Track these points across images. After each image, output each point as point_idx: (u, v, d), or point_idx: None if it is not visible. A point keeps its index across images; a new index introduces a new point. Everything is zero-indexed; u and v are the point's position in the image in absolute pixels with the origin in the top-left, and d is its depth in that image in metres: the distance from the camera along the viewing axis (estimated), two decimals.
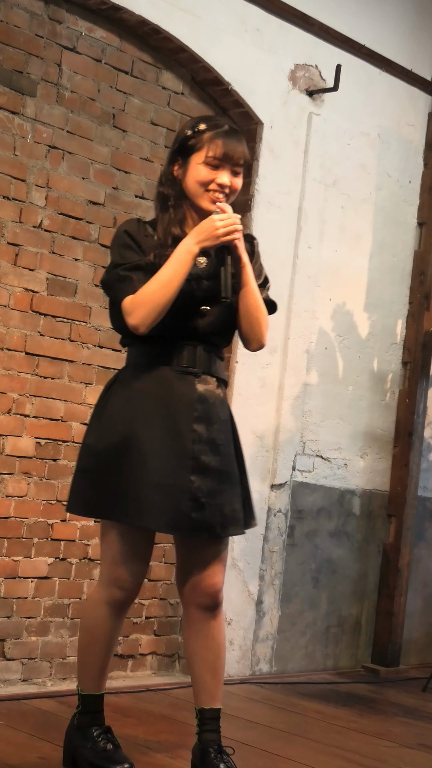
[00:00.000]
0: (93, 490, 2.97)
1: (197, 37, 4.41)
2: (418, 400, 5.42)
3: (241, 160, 3.01)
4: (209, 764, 2.98)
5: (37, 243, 4.06)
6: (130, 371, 3.03)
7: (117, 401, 3.00)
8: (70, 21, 4.13)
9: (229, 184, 3.01)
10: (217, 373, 3.08)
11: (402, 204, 5.43)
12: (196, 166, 2.99)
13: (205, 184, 2.99)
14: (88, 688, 3.07)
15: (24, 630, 4.03)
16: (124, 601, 3.03)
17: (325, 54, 4.96)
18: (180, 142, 3.03)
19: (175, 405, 2.97)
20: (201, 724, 3.04)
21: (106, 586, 3.02)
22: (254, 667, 4.80)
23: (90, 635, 3.06)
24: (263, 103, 4.70)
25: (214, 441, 3.01)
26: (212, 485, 2.97)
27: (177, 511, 2.92)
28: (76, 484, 3.04)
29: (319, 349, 5.04)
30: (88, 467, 3.00)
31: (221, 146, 2.97)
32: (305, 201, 4.91)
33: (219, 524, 2.98)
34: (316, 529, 5.08)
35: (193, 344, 3.01)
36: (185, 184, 3.02)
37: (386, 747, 3.90)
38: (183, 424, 2.96)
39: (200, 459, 2.97)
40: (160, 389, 2.97)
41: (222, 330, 3.08)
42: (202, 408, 3.00)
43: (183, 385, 2.98)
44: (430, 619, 5.76)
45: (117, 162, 4.31)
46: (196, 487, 2.94)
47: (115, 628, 3.06)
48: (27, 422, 4.04)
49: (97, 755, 3.00)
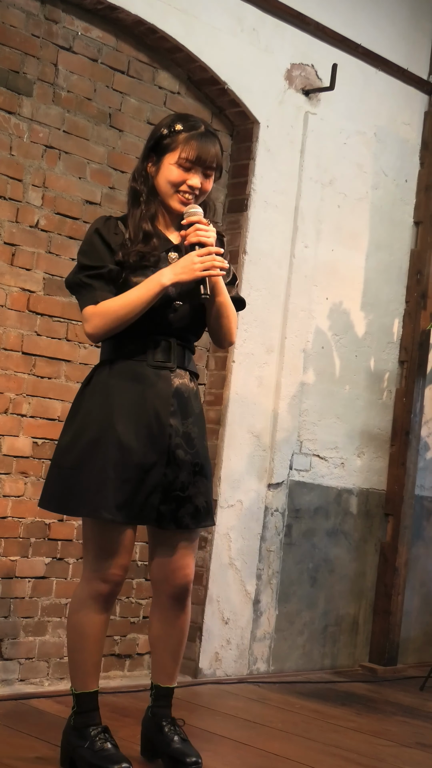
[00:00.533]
0: (64, 486, 3.02)
1: (193, 37, 4.41)
2: (415, 399, 5.42)
3: (213, 163, 3.07)
4: (164, 736, 3.15)
5: (34, 243, 4.06)
6: (106, 368, 3.08)
7: (94, 398, 3.05)
8: (66, 21, 4.13)
9: (199, 186, 3.07)
10: (189, 366, 3.15)
11: (398, 203, 5.44)
12: (168, 166, 3.05)
13: (177, 185, 3.06)
14: (81, 687, 3.09)
15: (21, 630, 4.03)
16: (109, 595, 3.07)
17: (322, 53, 4.96)
18: (155, 140, 3.08)
19: (151, 400, 3.04)
20: (156, 699, 3.24)
21: (89, 580, 3.06)
22: (252, 667, 4.80)
23: (77, 632, 3.08)
24: (259, 102, 4.70)
25: (189, 435, 3.10)
26: (186, 478, 3.06)
27: (145, 503, 3.00)
28: (50, 481, 3.09)
29: (316, 349, 5.04)
30: (61, 464, 3.05)
31: (195, 149, 3.03)
32: (302, 200, 4.91)
33: (189, 515, 3.08)
34: (314, 528, 5.08)
35: (167, 339, 3.08)
36: (157, 182, 3.08)
37: (384, 746, 3.90)
38: (160, 418, 3.03)
39: (176, 453, 3.05)
40: (137, 385, 3.04)
41: (193, 325, 3.14)
42: (178, 402, 3.07)
43: (159, 380, 3.05)
44: (428, 617, 5.77)
45: (113, 162, 4.31)
46: (169, 480, 3.03)
47: (103, 622, 3.08)
48: (24, 422, 4.04)
49: (95, 755, 3.00)
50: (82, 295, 3.04)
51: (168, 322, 3.07)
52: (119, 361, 3.06)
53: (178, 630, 3.21)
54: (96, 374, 3.10)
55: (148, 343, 3.06)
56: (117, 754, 3.01)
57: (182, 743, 3.14)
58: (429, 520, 5.75)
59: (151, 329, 3.05)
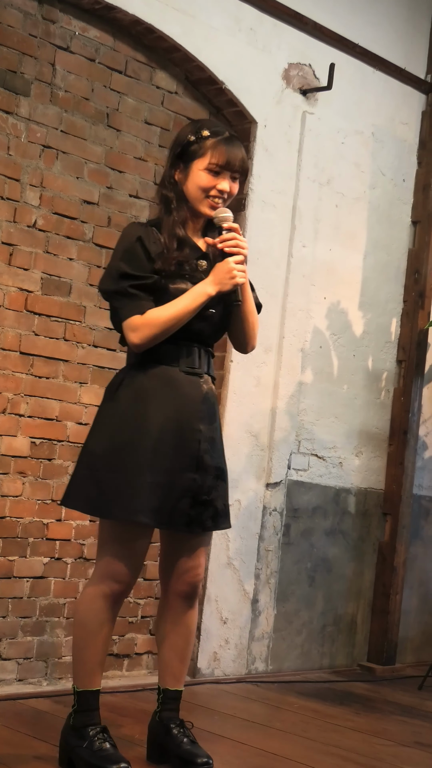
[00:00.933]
0: (96, 487, 3.04)
1: (191, 37, 4.41)
2: (413, 398, 5.42)
3: (240, 167, 3.13)
4: (173, 738, 3.17)
5: (32, 243, 4.05)
6: (140, 371, 3.10)
7: (128, 401, 3.07)
8: (63, 20, 4.13)
9: (228, 190, 3.12)
10: (212, 372, 3.21)
11: (396, 202, 5.44)
12: (198, 172, 3.10)
13: (207, 190, 3.10)
14: (83, 685, 3.09)
15: (19, 630, 4.03)
16: (120, 594, 3.10)
17: (319, 53, 4.96)
18: (182, 147, 3.12)
19: (183, 405, 3.09)
20: (163, 703, 3.24)
21: (102, 579, 3.07)
22: (250, 666, 4.80)
23: (86, 630, 3.08)
24: (257, 102, 4.70)
25: (213, 439, 3.16)
26: (211, 482, 3.12)
27: (176, 508, 3.05)
28: (80, 480, 3.09)
29: (314, 348, 5.04)
30: (94, 465, 3.06)
31: (224, 153, 3.08)
32: (299, 200, 4.91)
33: (210, 518, 3.13)
34: (312, 527, 5.08)
35: (196, 345, 3.13)
36: (186, 188, 3.12)
37: (383, 745, 3.90)
38: (189, 424, 3.09)
39: (203, 458, 3.10)
40: (170, 390, 3.08)
41: (219, 332, 3.22)
42: (205, 408, 3.14)
43: (190, 387, 3.10)
44: (426, 617, 5.77)
45: (111, 161, 4.31)
46: (198, 485, 3.08)
47: (111, 621, 3.10)
48: (22, 422, 4.04)
49: (94, 755, 3.00)
50: (125, 305, 3.04)
51: (200, 329, 3.11)
52: (153, 365, 3.09)
53: (185, 629, 3.24)
54: (127, 377, 3.11)
55: (179, 349, 3.10)
56: (115, 755, 3.01)
57: (192, 745, 3.17)
58: (427, 520, 5.75)
59: (183, 336, 3.09)
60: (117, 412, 3.08)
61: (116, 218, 4.32)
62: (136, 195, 4.39)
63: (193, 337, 3.12)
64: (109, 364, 4.30)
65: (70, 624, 4.17)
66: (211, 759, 3.14)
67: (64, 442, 4.16)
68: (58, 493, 4.12)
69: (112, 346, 4.30)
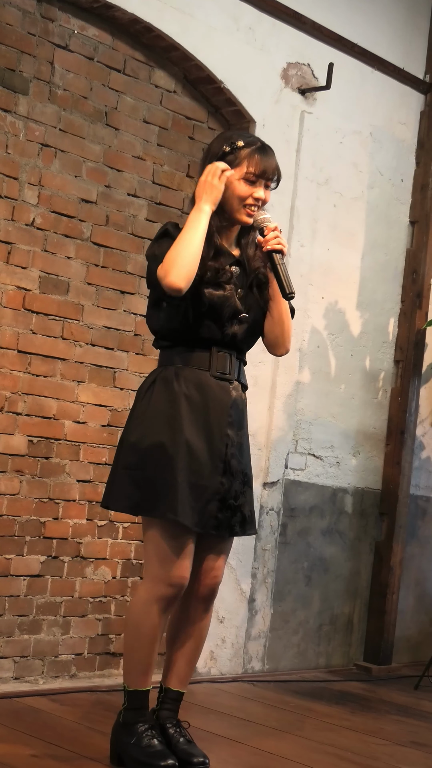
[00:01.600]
0: (135, 487, 3.09)
1: (189, 36, 4.41)
2: (410, 398, 5.43)
3: (275, 176, 3.19)
4: (169, 738, 3.18)
5: (30, 241, 4.05)
6: (171, 373, 3.14)
7: (159, 403, 3.12)
8: (62, 19, 4.13)
9: (263, 198, 3.18)
10: (242, 379, 3.27)
11: (394, 202, 5.44)
12: (234, 182, 3.14)
13: (244, 199, 3.15)
14: (134, 684, 3.14)
15: (16, 628, 4.03)
16: (173, 598, 3.13)
17: (318, 52, 4.96)
18: (218, 158, 3.16)
19: (212, 410, 3.14)
20: (163, 702, 3.27)
21: (155, 583, 3.10)
22: (246, 665, 4.80)
23: (139, 632, 3.12)
24: (255, 101, 4.70)
25: (241, 445, 3.21)
26: (238, 487, 3.17)
27: (205, 510, 3.10)
28: (119, 481, 3.13)
29: (312, 348, 5.04)
30: (131, 464, 3.11)
31: (260, 163, 3.15)
32: (297, 199, 4.91)
33: (239, 524, 3.18)
34: (309, 527, 5.08)
35: (228, 352, 3.19)
36: (223, 198, 3.14)
37: (379, 745, 3.90)
38: (218, 428, 3.14)
39: (230, 462, 3.15)
40: (200, 394, 3.13)
41: (252, 338, 3.26)
42: (235, 413, 3.19)
43: (220, 392, 3.16)
44: (422, 617, 5.77)
45: (109, 160, 4.31)
46: (226, 489, 3.13)
47: (163, 624, 3.16)
48: (19, 420, 4.04)
49: (142, 751, 3.06)
50: (151, 270, 3.09)
51: (233, 333, 3.17)
52: (185, 368, 3.14)
53: (198, 631, 3.28)
54: (160, 378, 3.16)
55: (211, 354, 3.15)
56: (164, 751, 3.06)
57: (188, 744, 3.18)
58: (424, 520, 5.76)
59: (216, 341, 3.15)
60: (150, 413, 3.12)
61: (114, 217, 4.32)
62: (134, 194, 4.39)
63: (226, 343, 3.17)
64: (107, 363, 4.30)
65: (67, 622, 4.17)
66: (207, 758, 3.15)
67: (62, 440, 4.16)
68: (55, 492, 4.12)
69: (109, 345, 4.30)
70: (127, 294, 4.37)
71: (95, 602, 4.28)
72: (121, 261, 4.34)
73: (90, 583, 4.26)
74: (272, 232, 3.14)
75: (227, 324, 3.15)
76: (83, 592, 4.24)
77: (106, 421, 4.29)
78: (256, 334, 3.26)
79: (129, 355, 4.37)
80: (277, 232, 3.15)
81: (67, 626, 4.18)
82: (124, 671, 3.18)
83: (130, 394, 4.35)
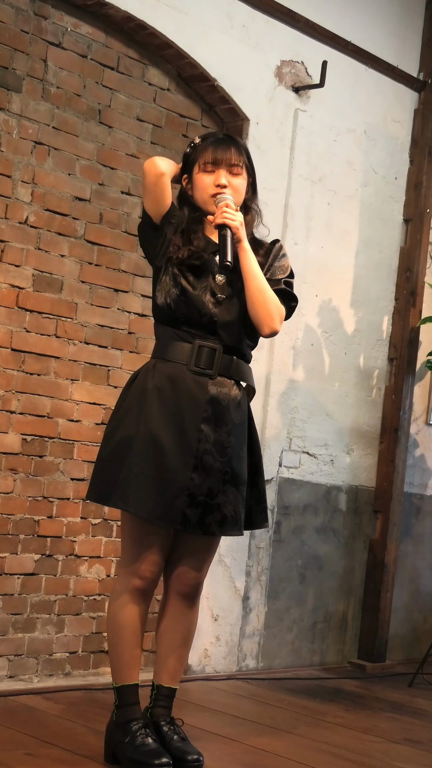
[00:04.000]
0: (102, 477, 3.15)
1: (183, 33, 4.40)
2: (404, 396, 5.43)
3: (232, 160, 3.20)
4: (163, 735, 3.18)
5: (23, 239, 4.05)
6: (150, 367, 3.19)
7: (132, 396, 3.17)
8: (55, 17, 4.12)
9: (226, 184, 3.19)
10: (236, 376, 3.23)
11: (388, 200, 5.44)
12: (196, 177, 3.22)
13: (207, 189, 3.19)
14: (121, 680, 3.15)
15: (10, 626, 4.03)
16: (145, 590, 3.15)
17: (312, 50, 4.96)
18: (183, 161, 3.27)
19: (184, 405, 3.13)
20: (156, 699, 3.26)
21: (125, 575, 3.16)
22: (241, 663, 4.80)
23: (117, 625, 3.15)
24: (249, 99, 4.70)
25: (221, 443, 3.16)
26: (214, 485, 3.13)
27: (171, 505, 3.07)
28: (94, 472, 3.21)
29: (306, 346, 5.04)
30: (102, 456, 3.18)
31: (212, 152, 3.19)
32: (291, 197, 4.91)
33: (216, 523, 3.14)
34: (303, 525, 5.08)
35: (214, 345, 3.17)
36: (194, 197, 3.24)
37: (373, 742, 3.91)
38: (190, 423, 3.12)
39: (203, 459, 3.12)
40: (172, 388, 3.13)
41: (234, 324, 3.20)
42: (213, 410, 3.15)
43: (195, 386, 3.14)
44: (416, 614, 5.78)
45: (103, 158, 4.31)
46: (195, 485, 3.10)
47: (140, 615, 3.16)
48: (13, 419, 4.03)
49: (136, 750, 3.06)
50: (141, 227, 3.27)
51: (211, 316, 3.15)
52: (161, 362, 3.17)
53: (184, 627, 3.28)
54: (140, 373, 3.21)
55: (193, 349, 3.15)
56: (158, 749, 3.06)
57: (182, 742, 3.18)
58: (418, 517, 5.76)
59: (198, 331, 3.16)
60: (123, 406, 3.18)
61: (108, 215, 4.32)
62: (128, 192, 4.38)
63: (206, 327, 3.16)
64: (101, 361, 4.29)
65: (61, 621, 4.17)
66: (201, 756, 3.16)
67: (56, 439, 4.16)
68: (49, 490, 4.12)
69: (103, 343, 4.30)
70: (120, 292, 4.37)
71: (89, 600, 4.28)
72: (114, 259, 4.33)
73: (84, 581, 4.26)
74: (224, 208, 3.14)
75: (206, 304, 3.15)
76: (77, 590, 4.24)
77: (99, 419, 4.29)
78: (238, 321, 3.21)
79: (123, 353, 4.37)
80: (226, 207, 3.13)
81: (62, 624, 4.18)
82: (111, 668, 3.19)
83: None
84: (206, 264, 3.19)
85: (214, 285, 3.17)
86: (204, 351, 3.16)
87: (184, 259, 3.16)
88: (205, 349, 3.16)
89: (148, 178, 3.14)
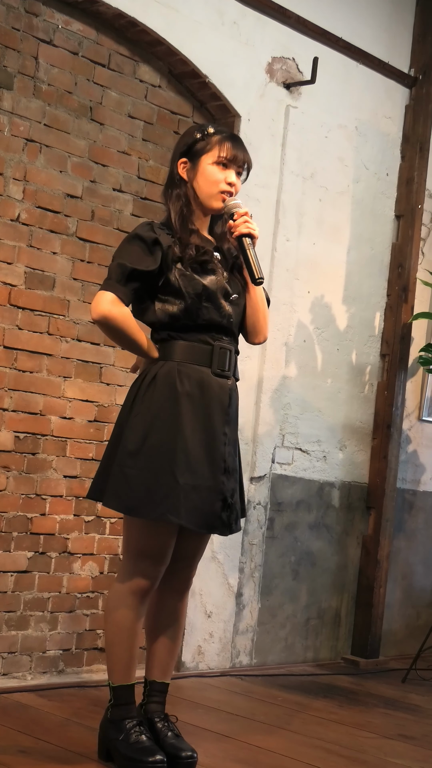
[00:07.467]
0: (132, 487, 3.06)
1: (174, 30, 4.40)
2: (397, 392, 5.44)
3: (245, 163, 3.23)
4: (157, 732, 3.18)
5: (15, 236, 4.04)
6: (174, 370, 3.11)
7: (160, 401, 3.09)
8: (46, 14, 4.11)
9: (236, 183, 3.21)
10: (237, 373, 3.26)
11: (380, 196, 5.44)
12: (206, 167, 3.18)
13: (217, 184, 3.17)
14: (118, 680, 3.15)
15: (4, 624, 4.03)
16: (147, 590, 3.15)
17: (302, 47, 4.96)
18: (188, 145, 3.20)
19: (212, 409, 3.13)
20: (149, 695, 3.27)
21: (131, 576, 3.13)
22: (234, 660, 4.81)
23: (118, 627, 3.14)
24: (240, 95, 4.70)
25: (234, 441, 3.21)
26: (233, 484, 3.18)
27: (211, 511, 3.10)
28: (114, 479, 3.10)
29: (298, 342, 5.04)
30: (129, 464, 3.07)
31: (231, 148, 3.18)
32: (283, 194, 4.91)
33: (234, 520, 3.19)
34: (296, 521, 5.09)
35: (228, 346, 3.17)
36: (196, 185, 3.19)
37: (366, 738, 3.92)
38: (217, 427, 3.14)
39: (228, 460, 3.15)
40: (202, 393, 3.12)
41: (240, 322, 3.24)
42: (231, 411, 3.19)
43: (219, 391, 3.15)
44: (410, 610, 5.79)
45: (94, 155, 4.30)
46: (226, 488, 3.13)
47: (140, 616, 3.17)
48: (5, 416, 4.03)
49: (130, 747, 3.06)
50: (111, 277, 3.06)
51: (229, 316, 3.15)
52: (186, 365, 3.12)
53: (175, 621, 3.29)
54: (161, 374, 3.12)
55: (214, 351, 3.14)
56: (152, 747, 3.06)
57: (176, 739, 3.19)
58: (411, 513, 5.77)
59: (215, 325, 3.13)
60: (151, 412, 3.08)
61: (100, 212, 4.32)
62: (119, 189, 4.38)
63: (224, 327, 3.15)
64: (93, 359, 4.29)
65: (55, 618, 4.17)
66: (195, 752, 3.16)
67: (48, 436, 4.15)
68: (42, 488, 4.12)
69: (96, 340, 4.30)
70: None
71: (83, 598, 4.28)
72: (106, 256, 4.33)
73: (77, 578, 4.26)
74: (242, 217, 3.14)
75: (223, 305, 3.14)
76: (71, 587, 4.24)
77: (92, 416, 4.29)
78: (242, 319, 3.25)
79: (115, 351, 4.37)
80: (246, 217, 3.14)
81: (55, 622, 4.18)
82: (108, 668, 3.18)
83: (117, 390, 4.34)
84: (211, 261, 3.17)
85: (225, 283, 3.17)
86: (222, 353, 3.15)
87: (194, 257, 3.12)
88: (223, 351, 3.16)
89: (106, 331, 3.08)
